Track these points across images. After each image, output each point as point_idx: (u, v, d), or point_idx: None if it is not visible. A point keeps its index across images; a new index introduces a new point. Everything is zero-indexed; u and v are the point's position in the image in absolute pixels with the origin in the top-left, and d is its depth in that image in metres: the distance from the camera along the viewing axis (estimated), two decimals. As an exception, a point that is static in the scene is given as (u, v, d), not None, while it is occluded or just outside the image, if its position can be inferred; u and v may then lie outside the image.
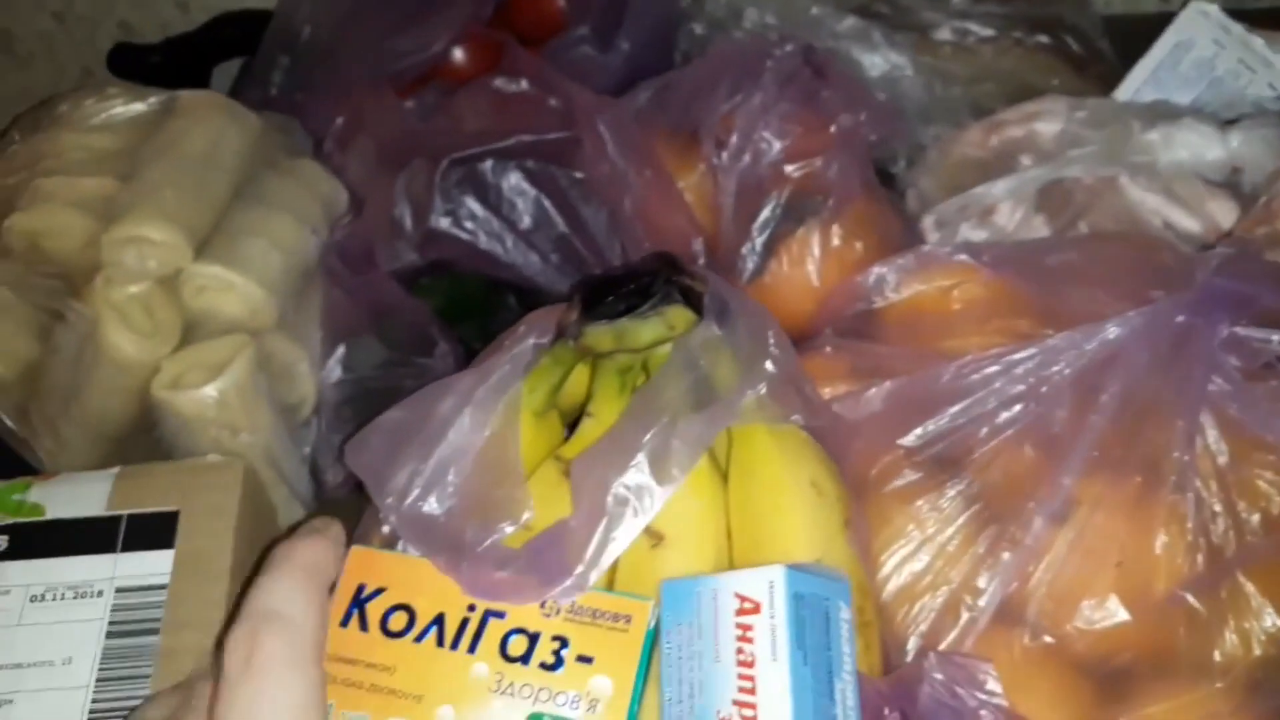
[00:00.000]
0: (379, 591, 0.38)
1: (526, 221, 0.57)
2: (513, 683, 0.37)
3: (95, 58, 0.88)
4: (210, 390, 0.51)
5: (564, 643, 0.37)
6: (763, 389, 0.43)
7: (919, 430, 0.47)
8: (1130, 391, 0.45)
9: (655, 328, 0.41)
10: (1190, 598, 0.42)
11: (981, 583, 0.44)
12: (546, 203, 0.57)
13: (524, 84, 0.58)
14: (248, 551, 0.44)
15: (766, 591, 0.35)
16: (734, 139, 0.59)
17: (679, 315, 0.42)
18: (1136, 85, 0.66)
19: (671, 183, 0.58)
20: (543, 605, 0.38)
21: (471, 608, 0.38)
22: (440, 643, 0.37)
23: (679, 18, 0.67)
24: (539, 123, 0.57)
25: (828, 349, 0.54)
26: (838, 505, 0.43)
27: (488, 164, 0.56)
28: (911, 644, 0.44)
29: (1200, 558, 0.43)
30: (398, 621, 0.37)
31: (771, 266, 0.58)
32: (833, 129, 0.57)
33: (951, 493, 0.45)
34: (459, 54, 0.72)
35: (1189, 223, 0.60)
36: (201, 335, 0.54)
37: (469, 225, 0.56)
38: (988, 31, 0.66)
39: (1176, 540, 0.42)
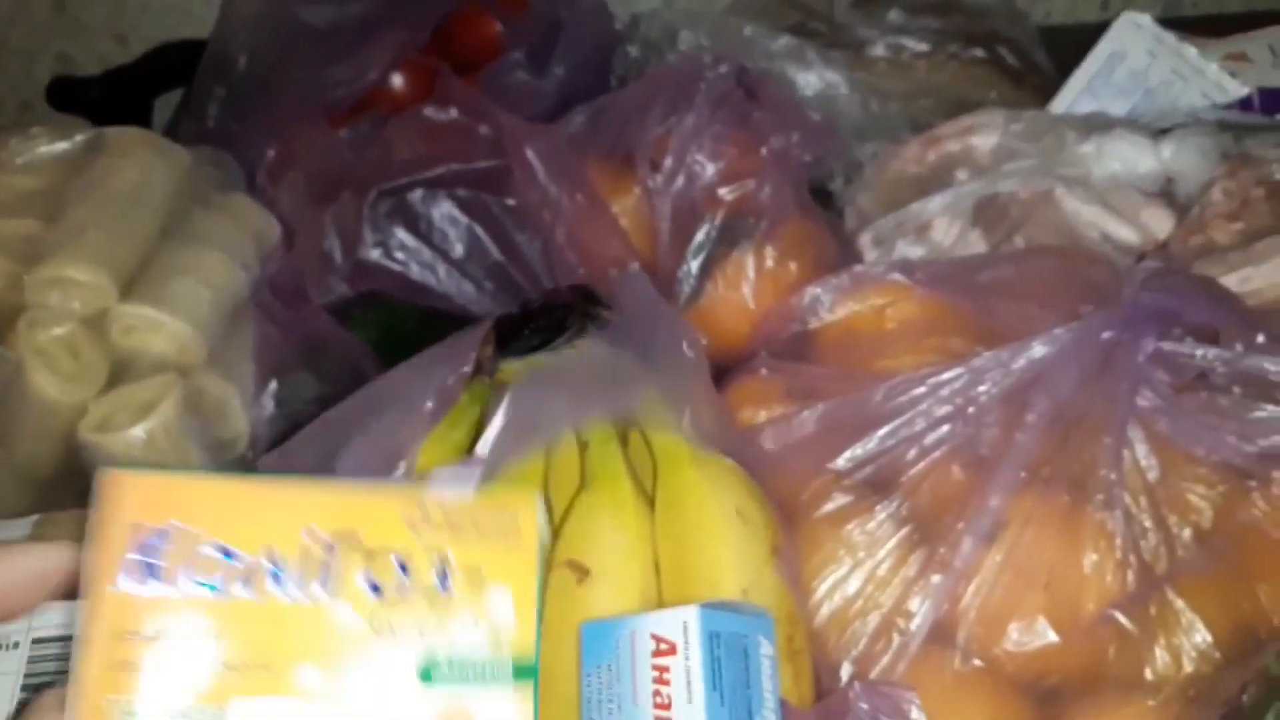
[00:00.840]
0: (169, 530, 0.28)
1: (459, 250, 0.57)
2: (390, 622, 0.29)
3: (34, 91, 0.87)
4: (138, 431, 0.50)
5: (444, 561, 0.30)
6: (685, 420, 0.42)
7: (848, 453, 0.46)
8: (1057, 409, 0.44)
9: (569, 358, 0.41)
10: (1120, 616, 0.41)
11: (913, 606, 0.43)
12: (479, 231, 0.57)
13: (454, 112, 0.58)
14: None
15: (680, 632, 0.35)
16: (668, 162, 0.59)
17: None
18: (1072, 97, 0.66)
19: (604, 207, 0.57)
20: (408, 520, 0.30)
21: (310, 532, 0.29)
22: (278, 586, 0.28)
23: (614, 41, 0.67)
24: (469, 151, 0.57)
25: (763, 371, 0.54)
26: (765, 533, 0.43)
27: (418, 193, 0.56)
28: (845, 670, 0.44)
29: (1130, 575, 0.42)
30: (207, 567, 0.28)
31: (707, 289, 0.58)
32: (764, 151, 0.57)
33: (882, 515, 0.45)
34: (397, 81, 0.72)
35: (1125, 233, 0.60)
36: (130, 375, 0.53)
37: (400, 256, 0.56)
38: (923, 47, 0.66)
39: (1105, 558, 0.42)
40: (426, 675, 0.29)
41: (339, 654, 0.28)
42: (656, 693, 0.34)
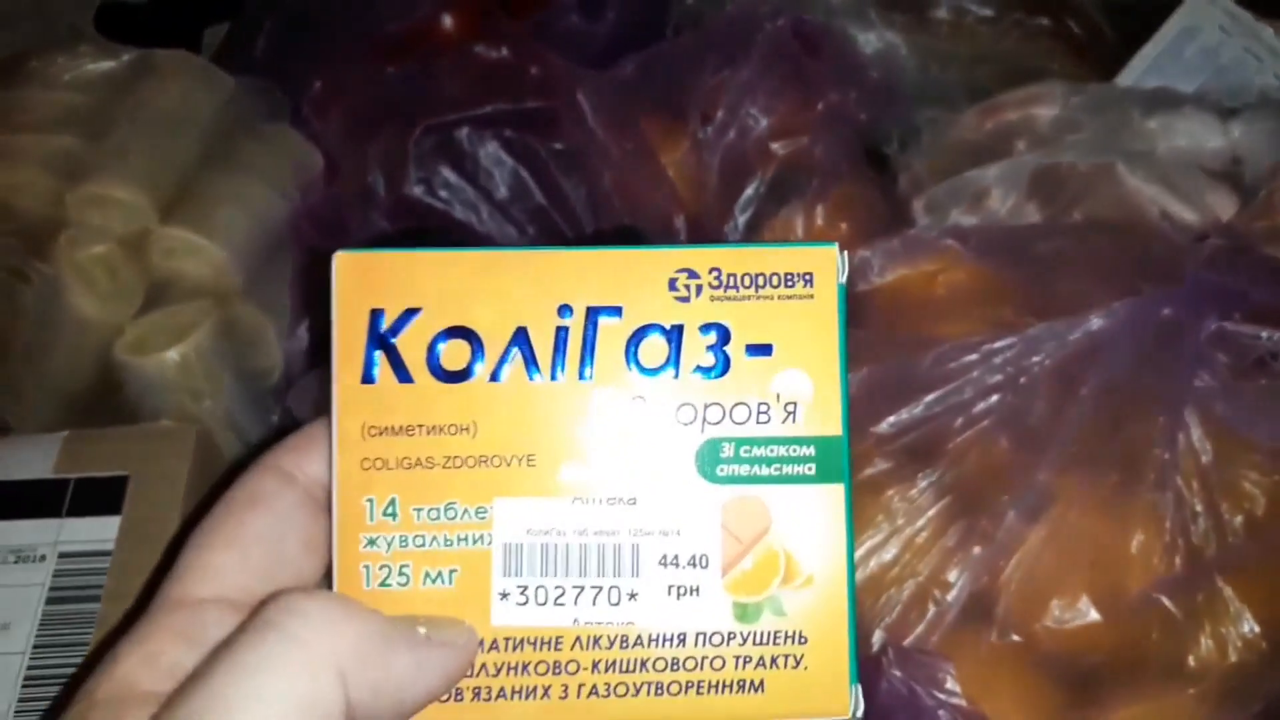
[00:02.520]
0: (410, 314, 0.26)
1: (503, 192, 0.56)
2: (663, 403, 0.26)
3: (83, 16, 0.86)
4: (173, 354, 0.50)
5: (723, 332, 0.27)
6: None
7: (893, 418, 0.45)
8: (1111, 385, 0.43)
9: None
10: (1165, 599, 0.40)
11: (951, 576, 0.42)
12: (524, 173, 0.56)
13: (504, 52, 0.56)
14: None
15: None
16: (720, 114, 0.57)
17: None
18: (1139, 71, 0.64)
19: (653, 157, 0.56)
20: (672, 285, 0.27)
21: (565, 309, 0.26)
22: (534, 371, 0.26)
23: (670, -11, 0.66)
24: (518, 92, 0.56)
25: (807, 333, 0.53)
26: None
27: (464, 132, 0.55)
28: (877, 636, 0.43)
29: (1178, 559, 0.41)
30: (455, 355, 0.26)
31: (754, 246, 0.57)
32: (820, 106, 0.55)
33: (923, 483, 0.44)
34: (447, 20, 0.71)
35: (1187, 214, 0.58)
36: (167, 299, 0.52)
37: (443, 194, 0.55)
38: (987, 12, 0.64)
39: (1153, 540, 0.41)
40: (707, 468, 0.26)
41: (606, 443, 0.26)
42: None
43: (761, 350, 0.27)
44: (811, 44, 0.58)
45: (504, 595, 0.26)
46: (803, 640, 0.26)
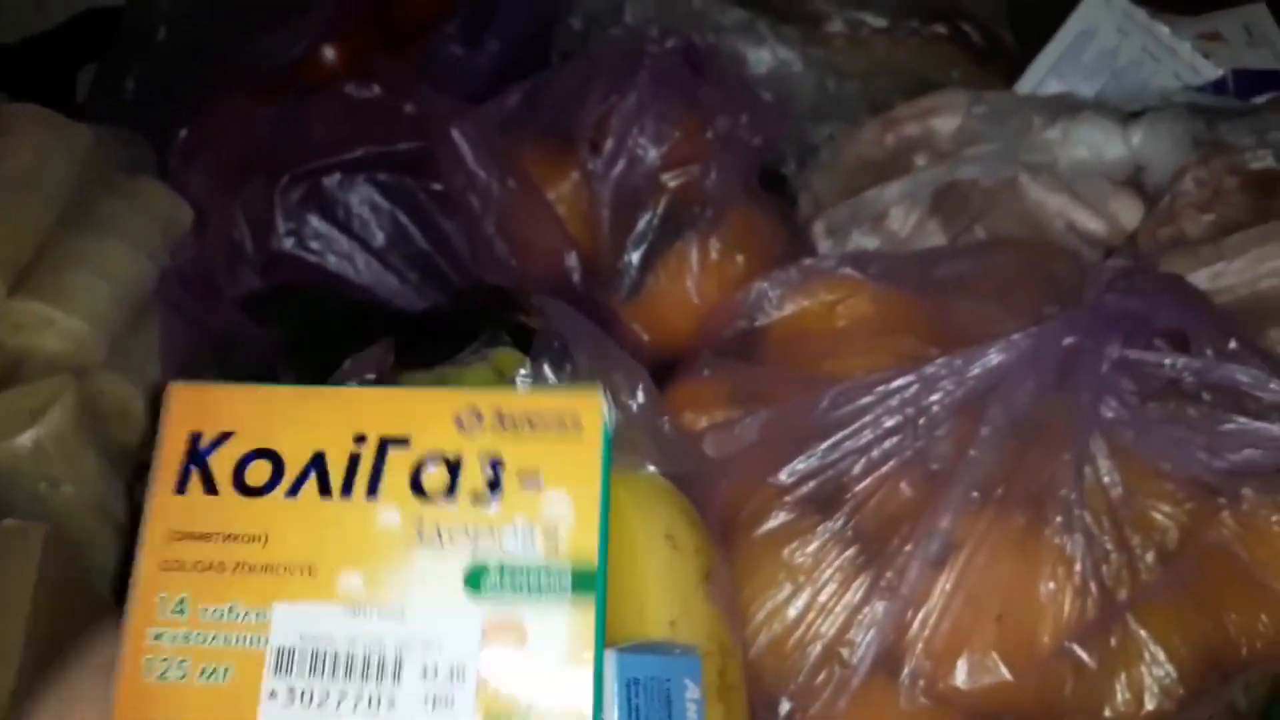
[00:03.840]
0: (224, 438, 0.29)
1: (380, 239, 0.53)
2: (439, 526, 0.29)
3: (-52, 62, 0.82)
4: (24, 440, 0.46)
5: (497, 462, 0.29)
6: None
7: (791, 466, 0.43)
8: (1014, 422, 0.41)
9: (480, 373, 0.37)
10: (1078, 649, 0.38)
11: (856, 635, 0.40)
12: (403, 218, 0.53)
13: (376, 89, 0.53)
14: (48, 629, 0.40)
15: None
16: (608, 144, 0.55)
17: (507, 359, 0.38)
18: (1039, 76, 0.63)
19: (539, 194, 0.53)
20: (459, 421, 0.29)
21: (360, 438, 0.29)
22: (325, 491, 0.29)
23: (556, 13, 0.63)
24: (392, 132, 0.53)
25: (706, 372, 0.51)
26: (696, 559, 0.40)
27: (334, 177, 0.52)
28: (783, 705, 0.40)
29: (1090, 603, 0.39)
30: (258, 473, 0.29)
31: (649, 282, 0.54)
32: (710, 134, 0.53)
33: (825, 535, 0.42)
34: (329, 54, 0.68)
35: (1093, 224, 0.57)
36: (19, 378, 0.49)
37: (315, 245, 0.52)
38: (881, 22, 0.62)
39: (1063, 586, 0.39)
40: (474, 583, 0.28)
41: (383, 559, 0.28)
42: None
43: (531, 478, 0.29)
44: (700, 67, 0.56)
45: (273, 694, 0.28)
46: None
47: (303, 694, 0.28)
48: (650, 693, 0.32)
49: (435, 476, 0.29)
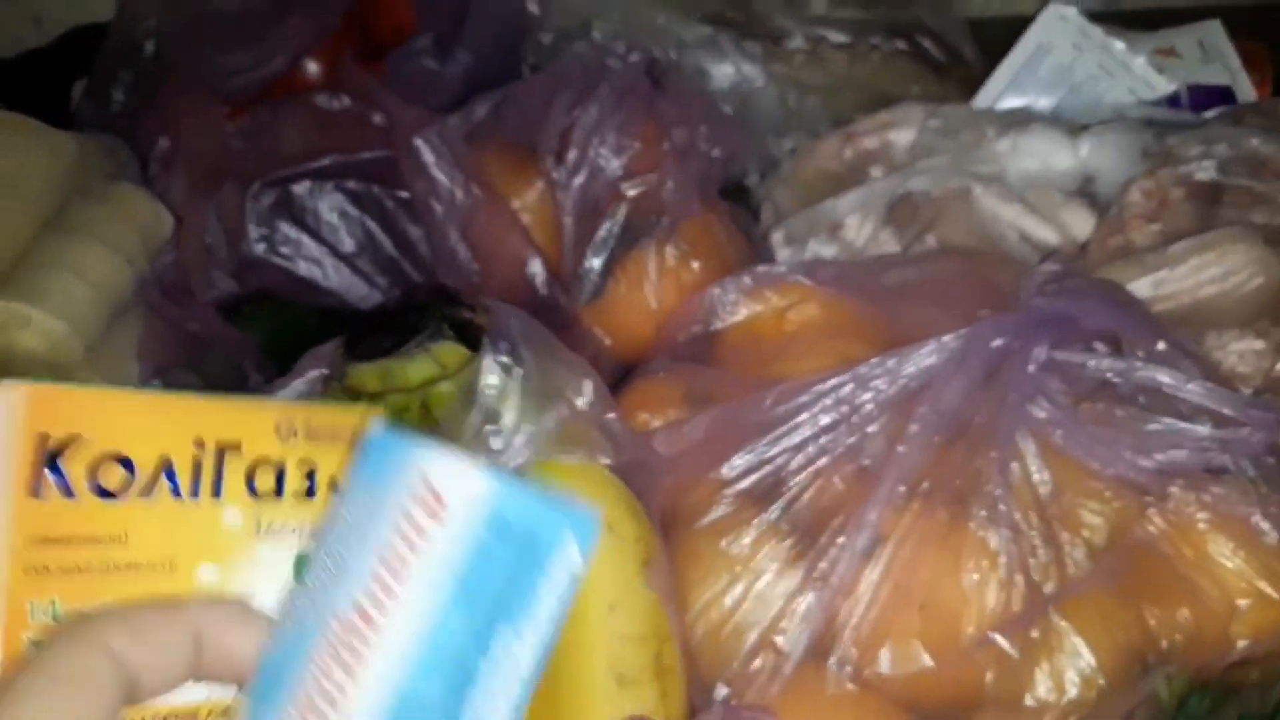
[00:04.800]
0: (73, 441, 0.29)
1: (349, 245, 0.55)
2: (271, 523, 0.32)
3: (-53, 75, 0.84)
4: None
5: (311, 471, 0.32)
6: (551, 426, 0.40)
7: (733, 461, 0.44)
8: (942, 419, 0.43)
9: (424, 366, 0.39)
10: (1000, 639, 0.40)
11: (789, 624, 0.41)
12: (371, 224, 0.55)
13: (345, 100, 0.55)
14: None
15: (461, 496, 0.26)
16: (570, 154, 0.57)
17: (450, 352, 0.39)
18: (997, 91, 0.64)
19: (502, 201, 0.55)
20: (278, 429, 0.32)
21: (199, 443, 0.31)
22: (177, 493, 0.30)
23: (526, 28, 0.65)
24: (360, 141, 0.55)
25: (661, 374, 0.52)
26: (636, 546, 0.41)
27: (304, 185, 0.54)
28: (720, 690, 0.42)
29: (1014, 595, 0.41)
30: (111, 476, 0.29)
31: (609, 288, 0.56)
32: (666, 145, 0.55)
33: (761, 527, 0.43)
34: (310, 68, 0.70)
35: (1045, 234, 0.59)
36: (2, 375, 0.51)
37: (285, 250, 0.54)
38: (843, 38, 0.64)
39: (986, 578, 0.40)
40: (298, 571, 0.31)
41: (230, 553, 0.31)
42: (395, 546, 0.25)
43: (335, 486, 0.32)
44: (661, 81, 0.58)
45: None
46: None
47: None
48: (519, 541, 0.26)
49: (265, 479, 0.32)
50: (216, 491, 0.31)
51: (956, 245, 0.56)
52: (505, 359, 0.41)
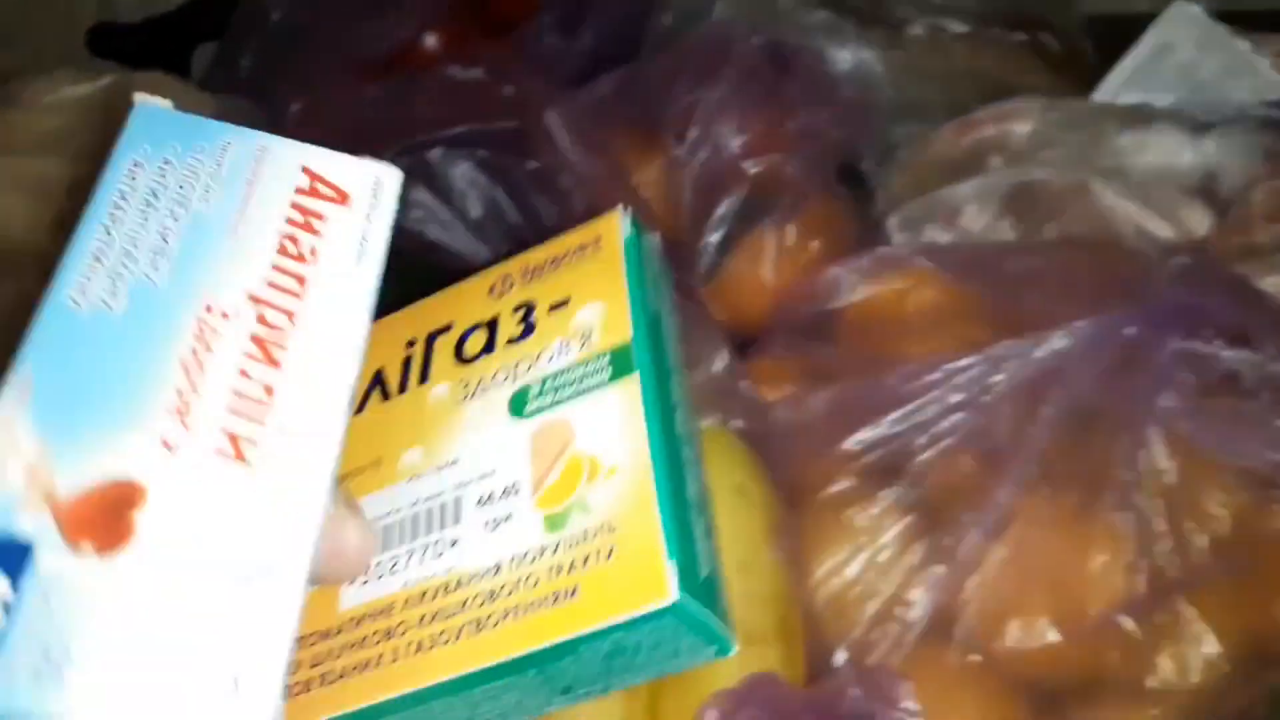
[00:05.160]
0: None
1: (478, 211, 0.56)
2: (482, 378, 0.30)
3: (74, 38, 0.87)
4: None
5: (530, 306, 0.31)
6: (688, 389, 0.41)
7: (858, 436, 0.45)
8: (1074, 405, 0.43)
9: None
10: (1126, 621, 0.40)
11: (913, 595, 0.42)
12: (499, 193, 0.56)
13: (477, 72, 0.57)
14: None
15: (369, 187, 0.27)
16: (693, 132, 0.58)
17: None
18: (1116, 87, 0.64)
19: (624, 177, 0.56)
20: (491, 290, 0.31)
21: (410, 343, 0.31)
22: (385, 396, 0.31)
23: (648, 9, 0.66)
24: (491, 112, 0.56)
25: (778, 350, 0.53)
26: (764, 511, 0.42)
27: (437, 152, 0.55)
28: (839, 656, 0.43)
29: (1141, 579, 0.41)
30: None
31: (727, 265, 0.57)
32: (792, 126, 0.56)
33: (887, 501, 0.44)
34: (430, 40, 0.71)
35: (1162, 230, 0.58)
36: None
37: (417, 214, 0.55)
38: (963, 28, 0.64)
39: (1114, 560, 0.41)
40: (518, 406, 0.29)
41: (435, 429, 0.30)
42: (291, 236, 0.25)
43: (560, 305, 0.30)
44: (785, 63, 0.59)
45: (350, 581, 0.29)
46: (611, 530, 0.26)
47: (376, 568, 0.28)
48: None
49: (476, 341, 0.31)
50: (424, 378, 0.31)
51: (1077, 236, 0.56)
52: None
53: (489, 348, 0.30)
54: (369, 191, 0.27)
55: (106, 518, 0.20)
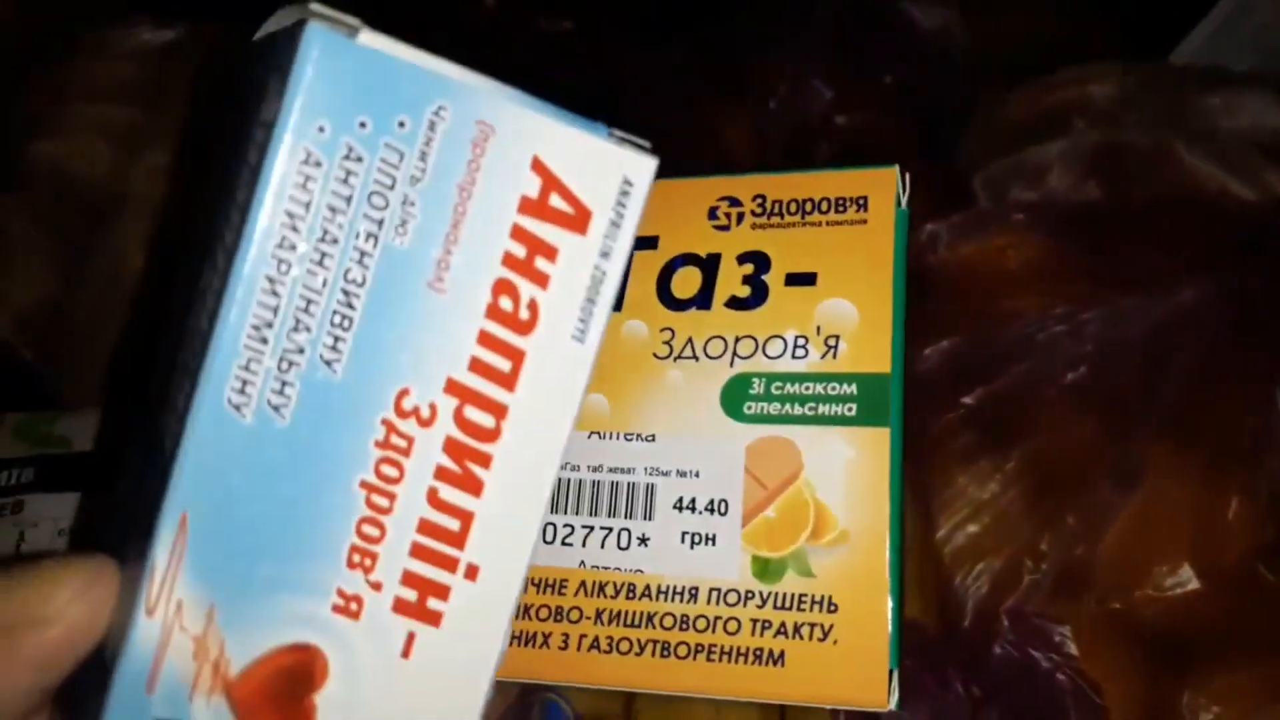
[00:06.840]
0: None
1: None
2: (691, 340, 0.24)
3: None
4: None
5: (763, 261, 0.24)
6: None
7: (982, 389, 0.45)
8: (1201, 357, 0.43)
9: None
10: (1263, 568, 0.40)
11: (1044, 546, 0.42)
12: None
13: (566, 24, 0.56)
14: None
15: (613, 193, 0.20)
16: (781, 88, 0.57)
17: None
18: (1193, 49, 0.64)
19: (712, 135, 0.56)
20: (712, 214, 0.24)
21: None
22: None
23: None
24: (576, 65, 0.55)
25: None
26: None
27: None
28: (970, 607, 0.43)
29: (1275, 528, 0.41)
30: None
31: (818, 221, 0.56)
32: (888, 79, 0.55)
33: (1014, 455, 0.44)
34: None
35: (1245, 192, 0.59)
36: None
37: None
38: (1042, -11, 0.64)
39: (1249, 509, 0.41)
40: (732, 404, 0.24)
41: (629, 378, 0.23)
42: (508, 287, 0.19)
43: (804, 279, 0.24)
44: (871, 20, 0.58)
45: None
46: (833, 608, 0.23)
47: (546, 529, 0.24)
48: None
49: (687, 279, 0.24)
50: (618, 302, 0.23)
51: (1166, 196, 0.56)
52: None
53: (703, 299, 0.24)
54: (612, 202, 0.19)
55: (282, 703, 0.17)
